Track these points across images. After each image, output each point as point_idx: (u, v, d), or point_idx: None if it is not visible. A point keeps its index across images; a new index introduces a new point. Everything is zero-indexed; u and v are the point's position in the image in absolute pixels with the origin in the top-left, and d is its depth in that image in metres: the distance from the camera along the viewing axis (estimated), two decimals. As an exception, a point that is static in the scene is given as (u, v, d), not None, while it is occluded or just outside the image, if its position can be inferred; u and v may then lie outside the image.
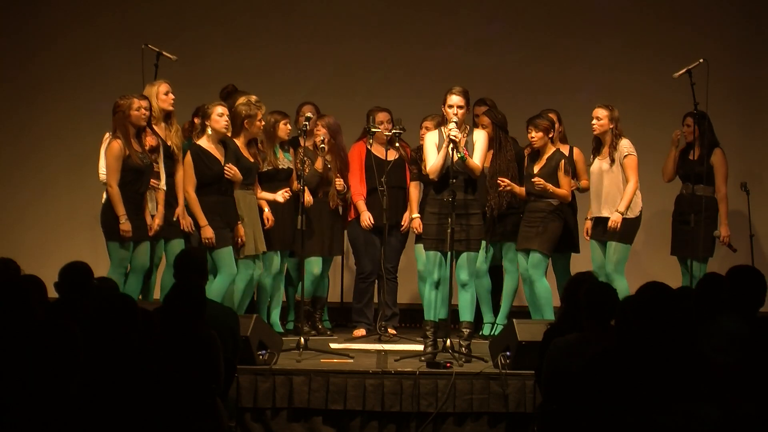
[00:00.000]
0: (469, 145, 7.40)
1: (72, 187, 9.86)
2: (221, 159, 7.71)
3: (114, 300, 4.72)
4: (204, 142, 7.72)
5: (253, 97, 7.94)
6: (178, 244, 7.69)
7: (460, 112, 7.32)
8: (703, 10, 9.96)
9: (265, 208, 8.06)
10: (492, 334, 8.22)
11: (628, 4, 10.02)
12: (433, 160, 7.41)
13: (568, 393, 4.88)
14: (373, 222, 8.42)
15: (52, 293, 5.59)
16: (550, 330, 5.68)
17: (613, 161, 7.99)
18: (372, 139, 8.54)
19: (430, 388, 6.88)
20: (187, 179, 7.67)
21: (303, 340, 7.41)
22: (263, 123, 7.98)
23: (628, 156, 7.97)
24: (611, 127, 8.01)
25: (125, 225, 7.35)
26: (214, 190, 7.68)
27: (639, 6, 10.00)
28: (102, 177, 7.61)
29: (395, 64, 10.00)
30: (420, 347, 7.66)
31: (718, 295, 5.40)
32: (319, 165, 8.34)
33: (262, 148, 8.08)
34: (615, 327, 4.75)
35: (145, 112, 7.47)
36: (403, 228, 8.56)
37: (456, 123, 7.27)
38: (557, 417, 5.05)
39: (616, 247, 7.99)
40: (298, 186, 7.94)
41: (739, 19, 9.97)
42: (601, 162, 8.06)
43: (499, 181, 8.01)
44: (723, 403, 4.36)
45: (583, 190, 8.27)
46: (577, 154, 8.22)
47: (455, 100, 7.33)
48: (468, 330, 7.52)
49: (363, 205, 8.47)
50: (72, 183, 9.86)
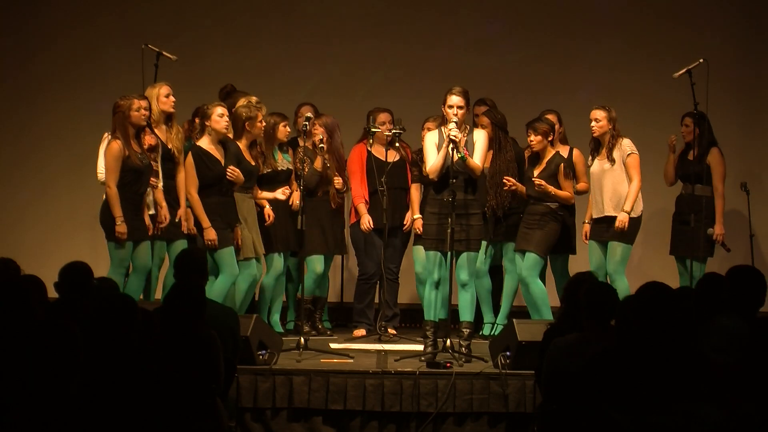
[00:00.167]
0: (469, 145, 7.40)
1: (72, 187, 9.86)
2: (221, 160, 7.70)
3: (114, 300, 4.72)
4: (204, 142, 7.71)
5: (253, 98, 7.93)
6: (181, 245, 7.69)
7: (460, 112, 7.32)
8: (703, 10, 9.96)
9: (265, 205, 8.06)
10: (492, 334, 8.22)
11: (628, 4, 10.01)
12: (432, 160, 7.41)
13: (568, 393, 4.88)
14: (372, 226, 8.41)
15: (52, 293, 5.59)
16: (550, 330, 5.69)
17: (614, 161, 7.99)
18: (372, 140, 8.53)
19: (430, 388, 6.88)
20: (189, 181, 7.66)
21: (303, 340, 7.41)
22: (264, 124, 7.98)
23: (631, 155, 7.97)
24: (610, 127, 8.02)
25: (121, 227, 7.33)
26: (215, 191, 7.68)
27: (639, 6, 10.00)
28: (101, 177, 7.61)
29: (395, 64, 10.00)
30: (420, 347, 7.66)
31: (717, 295, 5.39)
32: (318, 164, 8.34)
33: (261, 150, 8.08)
34: (615, 327, 4.75)
35: (144, 112, 7.47)
36: (405, 228, 8.56)
37: (456, 123, 7.27)
38: (557, 417, 5.05)
39: (617, 247, 7.98)
40: (298, 186, 7.94)
41: (739, 19, 9.96)
42: (602, 162, 8.06)
43: (504, 179, 8.03)
44: (723, 403, 4.36)
45: (581, 193, 8.25)
46: (577, 156, 8.21)
47: (455, 100, 7.33)
48: (468, 330, 7.52)
49: (363, 208, 8.46)
50: (72, 183, 9.86)
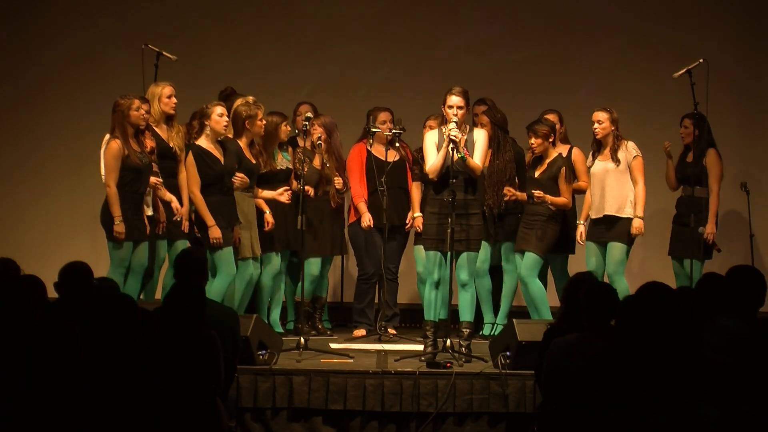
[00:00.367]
0: (469, 145, 7.40)
1: (72, 187, 9.86)
2: (221, 158, 7.70)
3: (114, 300, 4.72)
4: (203, 142, 7.70)
5: (251, 98, 7.94)
6: (182, 245, 7.68)
7: (460, 112, 7.32)
8: (703, 10, 9.96)
9: (266, 210, 8.03)
10: (492, 334, 8.22)
11: (628, 4, 10.01)
12: (432, 160, 7.41)
13: (568, 393, 4.88)
14: (373, 224, 8.42)
15: (52, 293, 5.59)
16: (550, 330, 5.69)
17: (618, 162, 7.98)
18: (372, 140, 8.53)
19: (430, 388, 6.87)
20: (192, 180, 7.65)
21: (303, 340, 7.41)
22: (264, 123, 7.98)
23: (636, 158, 7.98)
24: (612, 129, 8.02)
25: (119, 227, 7.32)
26: (216, 190, 7.67)
27: (639, 6, 10.00)
28: (104, 178, 7.60)
29: (395, 64, 10.00)
30: (420, 347, 7.66)
31: (717, 295, 5.39)
32: (317, 162, 8.35)
33: (260, 149, 8.07)
34: (615, 327, 4.75)
35: (144, 113, 7.46)
36: (407, 227, 8.56)
37: (456, 123, 7.27)
38: (557, 417, 5.05)
39: (616, 247, 7.98)
40: (297, 185, 7.94)
41: (739, 19, 9.96)
42: (605, 163, 8.05)
43: (505, 191, 8.03)
44: (723, 403, 4.36)
45: (579, 191, 8.24)
46: (576, 154, 8.20)
47: (455, 100, 7.33)
48: (468, 330, 7.52)
49: (364, 206, 8.46)
50: (72, 183, 9.86)
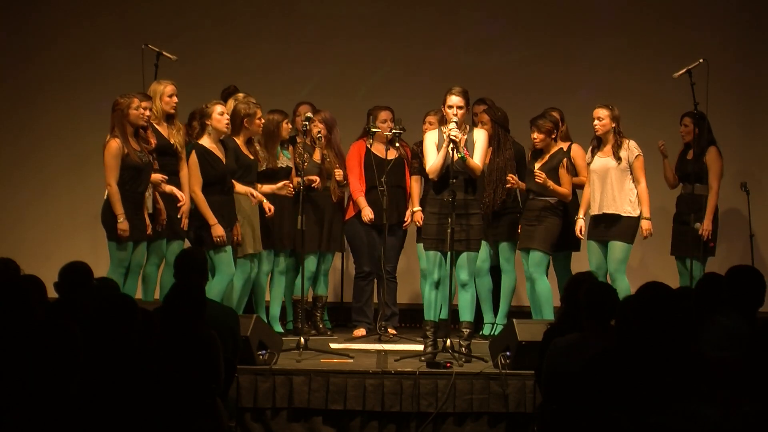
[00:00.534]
0: (469, 144, 7.40)
1: (72, 187, 9.86)
2: (223, 158, 7.70)
3: (114, 300, 4.72)
4: (206, 141, 7.69)
5: (241, 95, 7.95)
6: (178, 246, 7.68)
7: (460, 112, 7.32)
8: (703, 10, 9.96)
9: (263, 199, 8.02)
10: (492, 334, 8.22)
11: (628, 4, 10.02)
12: (432, 160, 7.40)
13: (568, 393, 4.88)
14: (374, 217, 8.40)
15: (52, 293, 5.59)
16: (550, 330, 5.69)
17: (620, 159, 7.97)
18: (372, 139, 8.53)
19: (430, 388, 6.87)
20: (194, 179, 7.65)
21: (303, 340, 7.41)
22: (263, 121, 7.98)
23: (638, 157, 7.97)
24: (613, 126, 8.02)
25: (123, 224, 7.32)
26: (217, 189, 7.66)
27: (639, 6, 10.00)
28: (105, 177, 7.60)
29: (395, 64, 10.00)
30: (420, 347, 7.66)
31: (717, 295, 5.40)
32: (317, 157, 8.35)
33: (260, 148, 8.07)
34: (615, 327, 4.74)
35: (143, 112, 7.45)
36: (405, 224, 8.56)
37: (456, 123, 7.27)
38: (557, 417, 5.05)
39: (618, 246, 7.98)
40: (298, 182, 7.93)
41: (739, 19, 9.97)
42: (605, 160, 8.04)
43: (508, 177, 8.04)
44: (723, 403, 4.35)
45: (578, 187, 8.24)
46: (576, 150, 8.19)
47: (455, 100, 7.33)
48: (468, 330, 7.52)
49: (363, 200, 8.45)
50: (72, 183, 9.86)
